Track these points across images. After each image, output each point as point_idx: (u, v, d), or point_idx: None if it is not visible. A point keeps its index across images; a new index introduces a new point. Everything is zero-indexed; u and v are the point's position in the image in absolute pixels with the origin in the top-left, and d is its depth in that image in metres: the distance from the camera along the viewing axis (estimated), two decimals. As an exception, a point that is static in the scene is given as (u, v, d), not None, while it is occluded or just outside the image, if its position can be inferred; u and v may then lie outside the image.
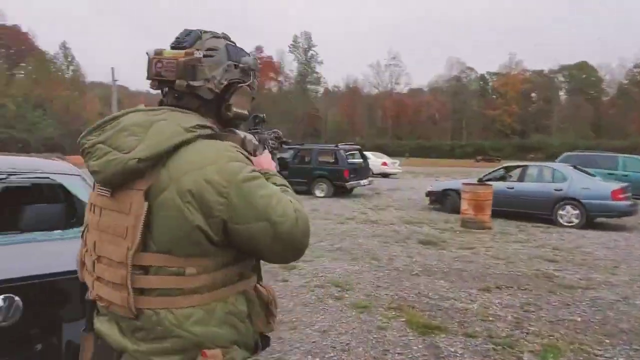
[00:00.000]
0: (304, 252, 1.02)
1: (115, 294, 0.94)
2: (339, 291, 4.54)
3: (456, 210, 10.15)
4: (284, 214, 0.94)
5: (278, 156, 1.56)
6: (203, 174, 0.90)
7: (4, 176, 2.29)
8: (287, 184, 1.14)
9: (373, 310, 4.03)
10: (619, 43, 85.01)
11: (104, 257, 0.98)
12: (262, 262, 1.08)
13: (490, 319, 3.87)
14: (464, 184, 8.96)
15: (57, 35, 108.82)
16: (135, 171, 0.92)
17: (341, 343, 3.37)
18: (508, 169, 10.60)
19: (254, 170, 0.97)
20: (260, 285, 1.08)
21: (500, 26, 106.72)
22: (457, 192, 10.28)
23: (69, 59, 60.25)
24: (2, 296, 1.51)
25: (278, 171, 1.27)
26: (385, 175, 22.71)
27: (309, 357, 3.15)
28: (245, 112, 1.13)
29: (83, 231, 1.09)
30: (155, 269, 0.92)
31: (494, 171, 10.56)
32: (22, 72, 56.94)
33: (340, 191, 13.31)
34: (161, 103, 1.09)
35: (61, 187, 2.50)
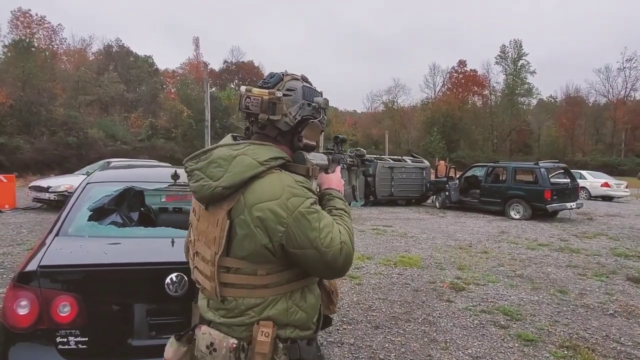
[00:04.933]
0: (344, 275, 1.29)
1: (207, 283, 1.27)
2: (506, 320, 4.23)
3: (698, 245, 8.09)
4: (330, 245, 1.18)
5: (469, 174, 1.70)
6: (269, 206, 1.15)
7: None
8: (345, 208, 1.36)
9: (540, 345, 3.65)
10: None
11: (200, 253, 1.30)
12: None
13: None
14: None
15: (282, 66, 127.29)
16: (221, 195, 1.20)
17: (492, 371, 3.20)
18: None
19: (312, 204, 1.20)
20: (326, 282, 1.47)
21: None
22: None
23: (289, 87, 69.87)
24: (175, 274, 2.05)
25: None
26: (607, 198, 19.26)
27: (453, 378, 3.11)
28: (314, 143, 1.36)
29: (190, 225, 1.44)
30: (234, 270, 1.22)
31: None
32: (253, 100, 68.43)
33: (540, 214, 11.97)
34: (247, 129, 1.38)
35: None
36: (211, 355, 1.23)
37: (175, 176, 3.03)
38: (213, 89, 62.11)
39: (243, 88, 1.29)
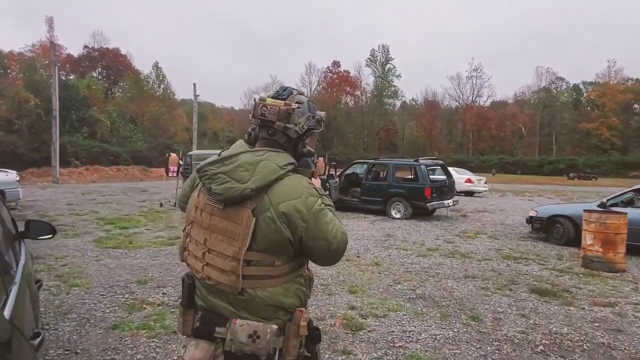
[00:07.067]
0: (339, 261, 1.49)
1: (224, 277, 1.36)
2: (427, 379, 3.01)
3: (568, 242, 8.16)
4: (336, 236, 1.39)
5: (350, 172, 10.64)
6: (293, 204, 1.33)
7: None
8: (331, 204, 1.48)
9: None
10: None
11: (215, 250, 1.39)
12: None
13: None
14: (587, 210, 6.91)
15: (153, 56, 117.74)
16: (248, 196, 1.33)
17: None
18: (641, 192, 8.27)
19: (322, 203, 1.41)
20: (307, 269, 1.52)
21: (596, 30, 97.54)
22: (570, 220, 8.28)
23: (160, 78, 64.08)
24: None
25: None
26: (469, 193, 20.39)
27: None
28: (313, 150, 1.59)
29: (186, 227, 1.52)
30: (255, 262, 1.34)
31: (621, 194, 8.29)
32: (119, 90, 61.46)
33: (419, 212, 11.61)
34: (249, 135, 1.53)
35: None
36: (254, 343, 1.32)
37: None
38: (72, 76, 53.88)
39: (257, 97, 1.47)
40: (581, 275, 6.10)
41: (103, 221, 9.33)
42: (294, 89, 1.49)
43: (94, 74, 58.46)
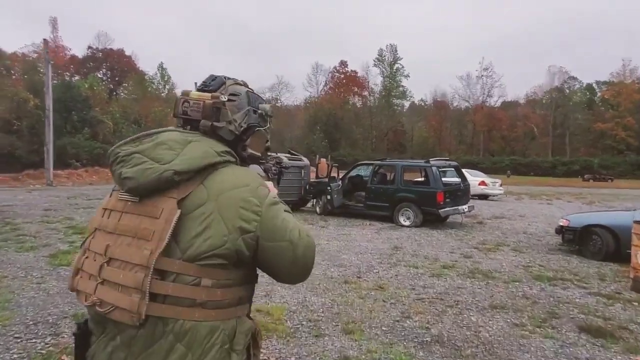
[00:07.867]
0: (308, 276, 1.12)
1: (124, 299, 0.94)
2: None
3: (607, 256, 6.97)
4: (300, 237, 1.06)
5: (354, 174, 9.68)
6: (240, 193, 1.01)
7: None
8: (289, 210, 1.15)
9: None
10: None
11: (118, 259, 0.99)
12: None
13: None
14: (638, 222, 5.68)
15: (159, 57, 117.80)
16: (170, 181, 0.99)
17: None
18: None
19: (274, 197, 1.09)
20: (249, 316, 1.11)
21: (610, 29, 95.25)
22: (609, 230, 7.08)
23: (165, 78, 63.54)
24: None
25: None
26: (484, 197, 19.09)
27: None
28: (259, 154, 1.23)
29: (86, 239, 1.11)
30: (174, 276, 0.95)
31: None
32: (124, 91, 60.98)
33: (430, 219, 10.43)
34: None
35: None
36: None
37: None
38: (77, 77, 53.69)
39: (179, 91, 1.21)
40: (635, 303, 4.90)
41: (72, 230, 8.27)
42: (229, 78, 1.20)
43: (98, 75, 58.20)
